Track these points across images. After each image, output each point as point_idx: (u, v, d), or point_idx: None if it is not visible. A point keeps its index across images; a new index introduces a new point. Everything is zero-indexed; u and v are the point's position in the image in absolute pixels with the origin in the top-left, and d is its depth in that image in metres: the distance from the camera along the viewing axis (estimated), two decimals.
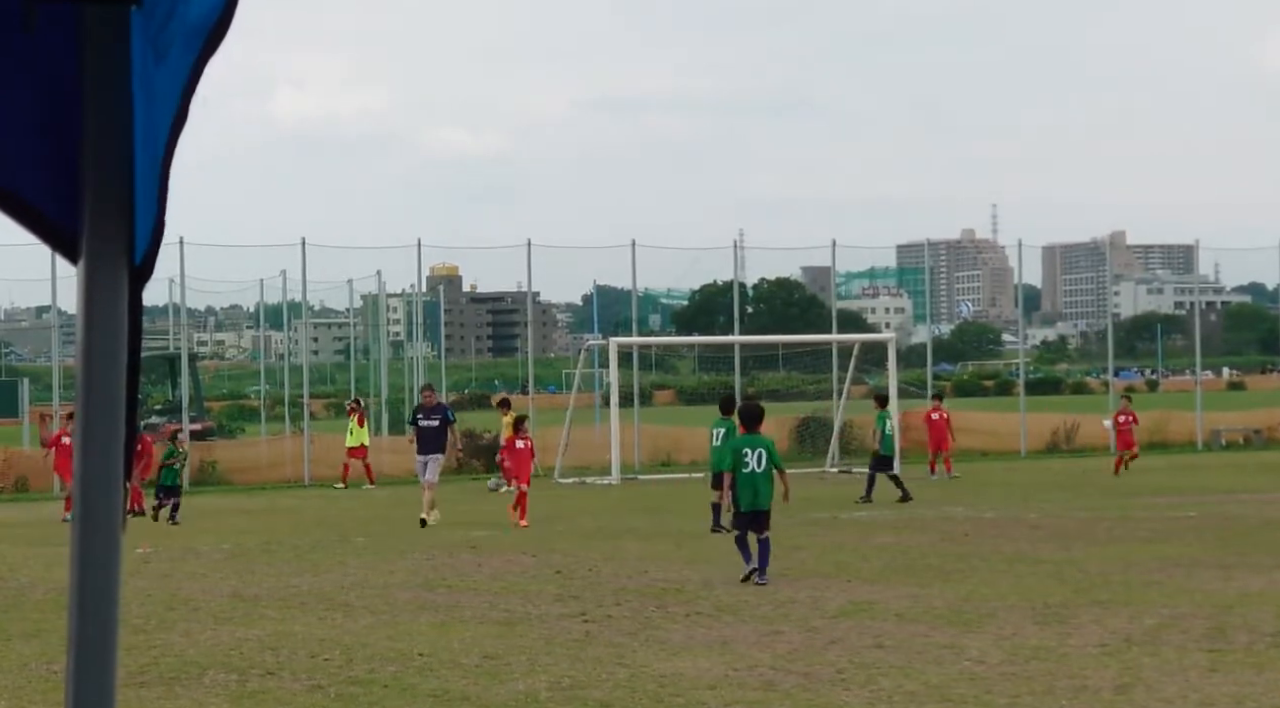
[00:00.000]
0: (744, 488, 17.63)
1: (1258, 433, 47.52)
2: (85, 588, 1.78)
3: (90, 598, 1.78)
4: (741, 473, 17.66)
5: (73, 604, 1.79)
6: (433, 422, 26.68)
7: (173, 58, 1.80)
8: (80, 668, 1.78)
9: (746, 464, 17.65)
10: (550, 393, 75.10)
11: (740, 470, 17.67)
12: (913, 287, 79.42)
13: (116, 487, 1.79)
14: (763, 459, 17.69)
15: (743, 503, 17.60)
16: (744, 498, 17.60)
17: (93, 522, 1.78)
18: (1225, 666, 12.20)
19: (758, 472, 17.65)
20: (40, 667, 12.94)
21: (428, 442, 26.54)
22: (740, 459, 17.71)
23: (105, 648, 1.79)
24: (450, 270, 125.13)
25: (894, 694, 11.36)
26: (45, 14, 1.77)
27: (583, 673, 12.35)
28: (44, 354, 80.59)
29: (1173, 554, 19.55)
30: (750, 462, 17.64)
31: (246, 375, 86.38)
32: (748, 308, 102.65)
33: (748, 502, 17.57)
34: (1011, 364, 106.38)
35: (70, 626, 1.79)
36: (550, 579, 18.26)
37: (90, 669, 1.79)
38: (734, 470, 17.75)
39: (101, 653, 1.79)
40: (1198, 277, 66.24)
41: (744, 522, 17.65)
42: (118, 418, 1.78)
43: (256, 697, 11.72)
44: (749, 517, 17.60)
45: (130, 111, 1.77)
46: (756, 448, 17.79)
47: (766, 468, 17.70)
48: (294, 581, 18.61)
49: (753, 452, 17.71)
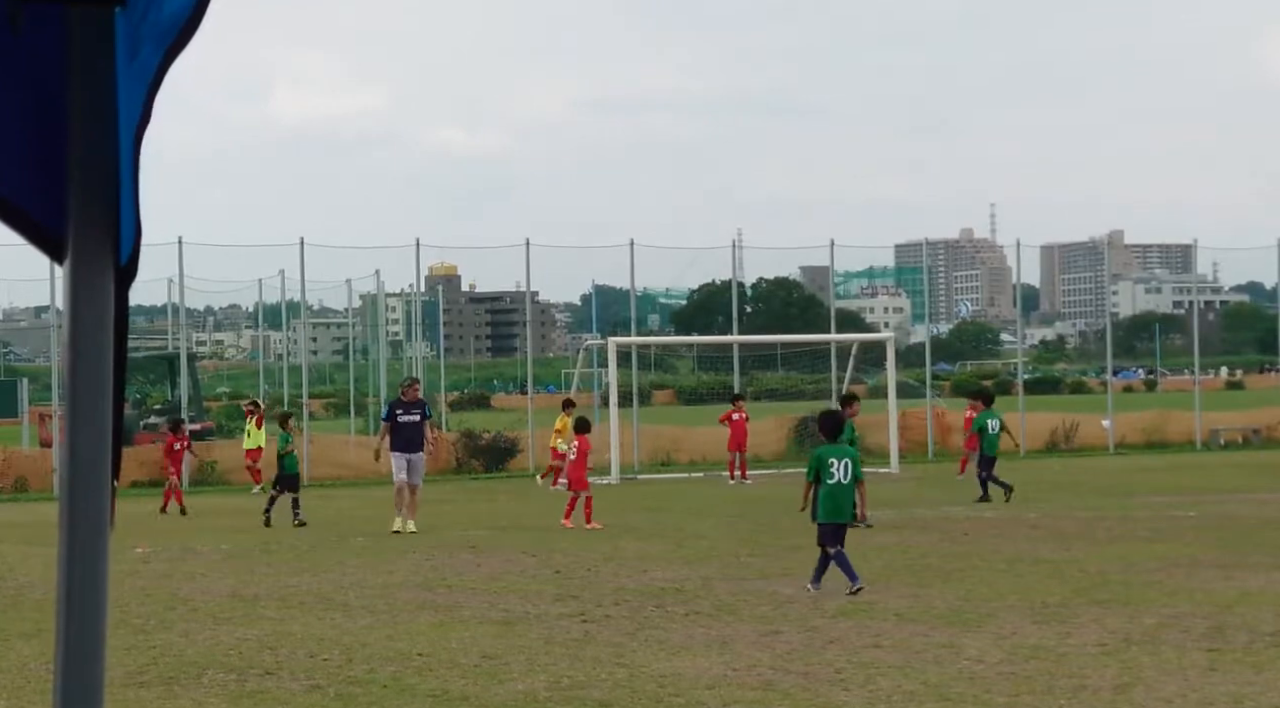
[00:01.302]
0: (827, 500, 16.91)
1: (1256, 432, 47.51)
2: (73, 587, 1.78)
3: (78, 597, 1.78)
4: (826, 484, 16.92)
5: (60, 603, 1.79)
6: (414, 416, 24.99)
7: (142, 57, 1.80)
8: (68, 668, 1.78)
9: (832, 475, 16.92)
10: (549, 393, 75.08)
11: (825, 481, 16.95)
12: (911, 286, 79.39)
13: (104, 486, 1.78)
14: (848, 470, 16.98)
15: (823, 514, 16.90)
16: (825, 509, 16.90)
17: (80, 521, 1.78)
18: (1224, 665, 12.20)
19: (843, 483, 16.94)
20: (39, 667, 12.93)
21: (410, 439, 24.71)
22: (826, 469, 16.98)
23: (93, 647, 1.79)
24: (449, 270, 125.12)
25: (893, 694, 11.35)
26: (32, 15, 1.77)
27: (582, 673, 12.34)
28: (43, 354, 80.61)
29: (1172, 554, 19.55)
30: (836, 472, 16.91)
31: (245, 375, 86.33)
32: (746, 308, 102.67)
33: (828, 513, 16.86)
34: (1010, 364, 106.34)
35: (58, 625, 1.78)
36: (549, 579, 18.26)
37: (78, 669, 1.78)
38: (817, 481, 17.02)
39: (89, 652, 1.79)
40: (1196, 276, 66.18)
41: (827, 534, 16.81)
42: (105, 418, 1.78)
43: (255, 697, 11.72)
44: (831, 529, 16.82)
45: (115, 112, 1.77)
46: (843, 458, 17.07)
47: (851, 480, 17.01)
48: (293, 580, 18.60)
49: (839, 462, 16.99)
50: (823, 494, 16.98)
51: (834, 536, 16.82)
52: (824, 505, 16.96)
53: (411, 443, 24.77)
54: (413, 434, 24.84)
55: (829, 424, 18.04)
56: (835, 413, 19.47)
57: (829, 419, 18.34)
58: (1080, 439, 45.77)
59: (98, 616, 1.79)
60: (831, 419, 18.29)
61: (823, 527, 16.95)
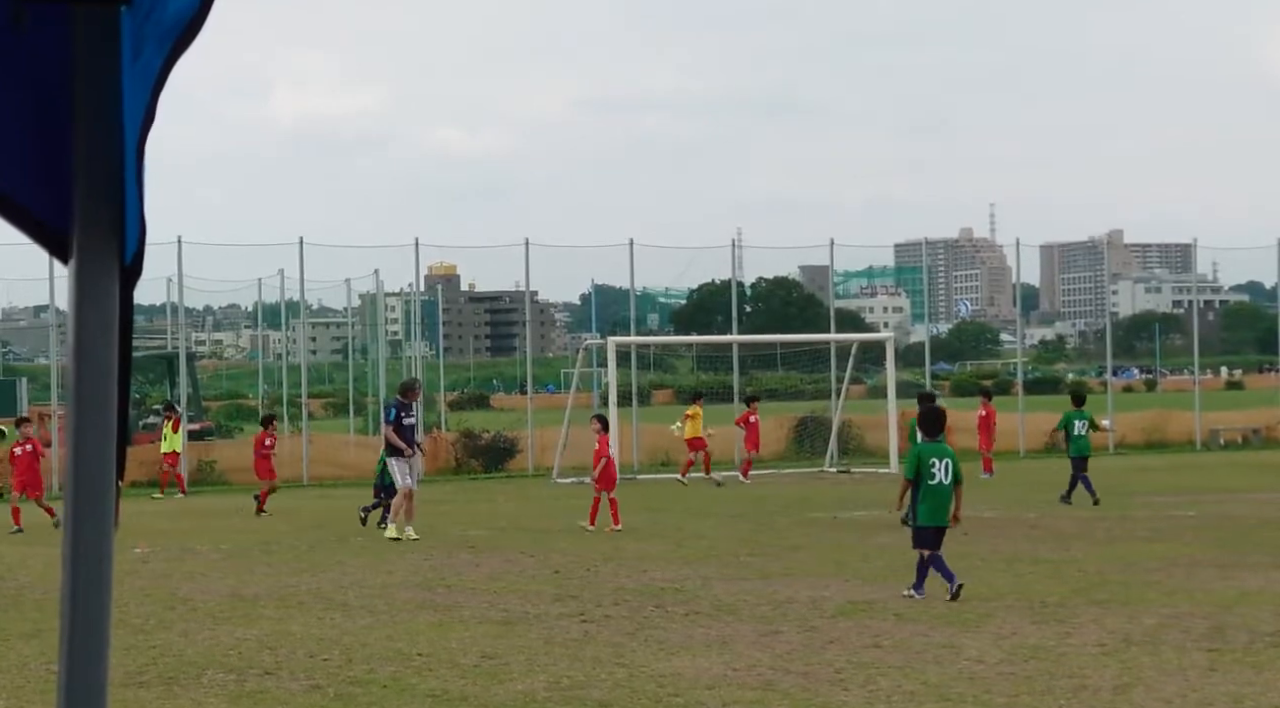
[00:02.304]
0: (928, 500, 16.18)
1: (1256, 432, 47.51)
2: (77, 587, 1.78)
3: (82, 597, 1.78)
4: (927, 484, 16.19)
5: (65, 604, 1.78)
6: (414, 419, 25.06)
7: (145, 56, 1.79)
8: (72, 668, 1.78)
9: (934, 475, 16.18)
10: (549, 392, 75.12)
11: (925, 481, 16.22)
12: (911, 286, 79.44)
13: (108, 486, 1.78)
14: (949, 470, 16.23)
15: (923, 516, 16.23)
16: (926, 511, 16.21)
17: (85, 521, 1.77)
18: (1224, 665, 12.20)
19: (945, 484, 16.21)
20: (39, 667, 12.93)
21: (410, 442, 24.41)
22: (927, 469, 16.22)
23: (97, 648, 1.79)
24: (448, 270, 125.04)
25: (892, 694, 11.35)
26: (36, 14, 1.77)
27: (581, 673, 12.34)
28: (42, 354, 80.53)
29: (1172, 554, 19.55)
30: (938, 473, 16.17)
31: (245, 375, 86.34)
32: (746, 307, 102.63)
33: (929, 516, 16.19)
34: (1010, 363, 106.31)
35: (62, 625, 1.78)
36: (549, 579, 18.25)
37: (82, 669, 1.78)
38: (918, 481, 16.27)
39: (93, 653, 1.78)
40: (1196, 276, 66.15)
41: (926, 538, 16.20)
42: (109, 418, 1.78)
43: (255, 697, 11.71)
44: (931, 532, 16.18)
45: (120, 112, 1.76)
46: (944, 458, 16.31)
47: (952, 481, 16.28)
48: (292, 580, 18.60)
49: (940, 462, 16.24)
50: (922, 494, 16.21)
51: (934, 539, 16.16)
52: (924, 508, 16.22)
53: (412, 446, 24.65)
54: (412, 437, 24.72)
55: (931, 419, 17.00)
56: (938, 408, 18.44)
57: (931, 414, 17.28)
58: None
59: (102, 616, 1.78)
60: (933, 414, 17.24)
61: (922, 530, 16.27)
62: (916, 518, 16.44)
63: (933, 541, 16.19)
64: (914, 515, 16.50)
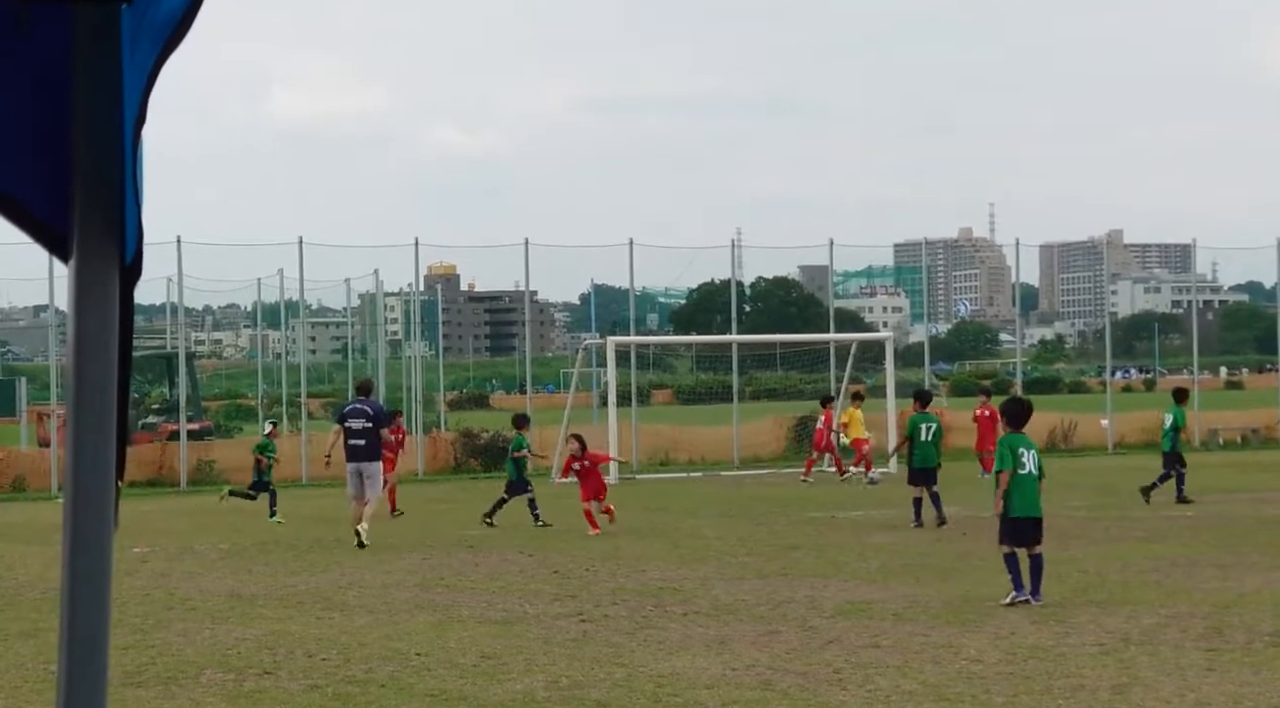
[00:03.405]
0: (1018, 490, 15.86)
1: (1255, 432, 47.51)
2: (77, 587, 1.78)
3: (82, 597, 1.78)
4: (1017, 474, 15.89)
5: (65, 604, 1.79)
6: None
7: (139, 55, 1.80)
8: (71, 668, 1.78)
9: (1024, 465, 15.92)
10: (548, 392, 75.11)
11: (1017, 471, 15.92)
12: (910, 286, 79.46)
13: (108, 487, 1.78)
14: (1035, 461, 16.01)
15: (1015, 507, 15.83)
16: (1018, 502, 15.84)
17: (85, 521, 1.78)
18: (1223, 665, 12.20)
19: (1033, 474, 15.96)
20: (37, 666, 12.93)
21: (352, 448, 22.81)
22: (1017, 459, 15.92)
23: (97, 648, 1.79)
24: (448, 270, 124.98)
25: (891, 694, 11.36)
26: (37, 14, 1.77)
27: (580, 673, 12.35)
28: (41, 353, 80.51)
29: (1171, 554, 19.55)
30: (1027, 463, 15.92)
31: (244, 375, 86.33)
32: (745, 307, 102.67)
33: (1022, 507, 15.83)
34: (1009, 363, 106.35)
35: (62, 625, 1.78)
36: (548, 579, 18.26)
37: (81, 669, 1.78)
38: (1011, 470, 15.90)
39: (93, 653, 1.79)
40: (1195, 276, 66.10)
41: (1014, 531, 15.82)
42: (109, 418, 1.78)
43: (254, 696, 11.71)
44: (1023, 525, 15.83)
45: (121, 111, 1.77)
46: (1030, 448, 16.11)
47: (1039, 472, 16.08)
48: (291, 580, 18.60)
49: (1028, 452, 16.01)
50: (1014, 484, 15.90)
51: (1025, 533, 15.82)
52: (1015, 500, 15.85)
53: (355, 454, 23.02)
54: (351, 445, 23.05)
55: (1016, 411, 16.69)
56: (1023, 400, 18.23)
57: (1016, 406, 16.99)
58: (1079, 439, 45.78)
59: (101, 616, 1.79)
60: (1019, 406, 16.95)
61: (1015, 523, 15.86)
62: (1008, 510, 15.93)
63: (1019, 533, 15.76)
64: (1008, 507, 15.94)
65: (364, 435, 22.61)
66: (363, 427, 22.64)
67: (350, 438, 22.69)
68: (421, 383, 48.79)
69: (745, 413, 44.36)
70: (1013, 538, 15.85)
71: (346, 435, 22.77)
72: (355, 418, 22.81)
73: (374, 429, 22.76)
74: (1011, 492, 15.90)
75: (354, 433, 22.67)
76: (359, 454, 22.53)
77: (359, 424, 22.68)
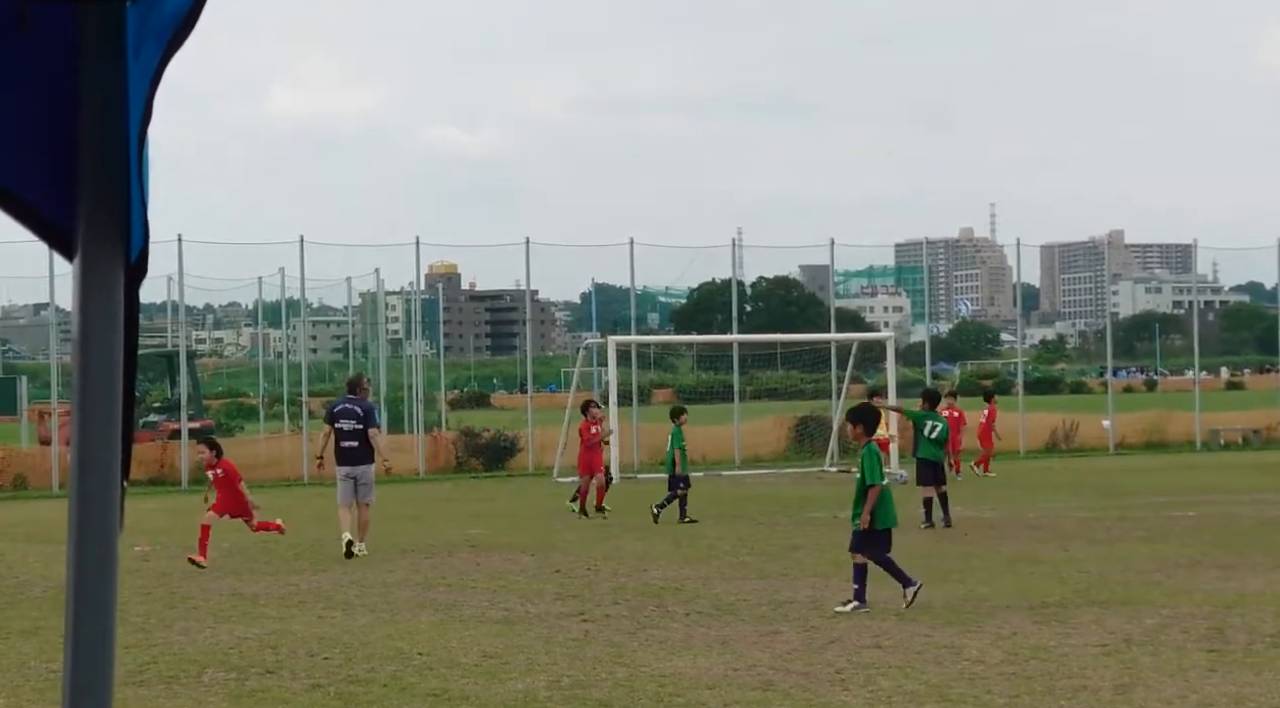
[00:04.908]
0: (886, 501, 15.93)
1: (1256, 433, 47.50)
2: (82, 587, 1.77)
3: (87, 597, 1.77)
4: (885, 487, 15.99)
5: (70, 604, 1.78)
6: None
7: (144, 54, 1.79)
8: (77, 668, 1.77)
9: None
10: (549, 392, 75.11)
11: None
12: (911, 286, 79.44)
13: (114, 486, 1.77)
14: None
15: (886, 518, 15.91)
16: (885, 513, 15.88)
17: (90, 521, 1.77)
18: (1224, 666, 12.19)
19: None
20: (39, 665, 12.93)
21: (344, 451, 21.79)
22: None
23: (102, 647, 1.78)
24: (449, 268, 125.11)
25: (893, 694, 11.35)
26: (41, 13, 1.76)
27: (582, 672, 12.34)
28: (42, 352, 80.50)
29: (1172, 554, 19.54)
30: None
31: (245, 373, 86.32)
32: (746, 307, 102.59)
33: (886, 518, 15.89)
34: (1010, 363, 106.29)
35: (68, 625, 1.78)
36: (549, 578, 18.25)
37: (87, 669, 1.78)
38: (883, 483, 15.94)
39: (98, 653, 1.78)
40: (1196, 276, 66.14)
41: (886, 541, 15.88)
42: (114, 417, 1.77)
43: (256, 695, 11.71)
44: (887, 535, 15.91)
45: (126, 110, 1.76)
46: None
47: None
48: (293, 579, 18.60)
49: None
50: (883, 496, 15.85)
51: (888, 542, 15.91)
52: (886, 509, 15.90)
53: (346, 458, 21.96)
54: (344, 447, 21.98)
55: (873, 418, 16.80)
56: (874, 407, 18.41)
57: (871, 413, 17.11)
58: (1080, 439, 45.78)
59: (107, 616, 1.78)
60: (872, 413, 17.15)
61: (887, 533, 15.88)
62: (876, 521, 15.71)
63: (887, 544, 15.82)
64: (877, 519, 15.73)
65: (356, 437, 21.64)
66: (353, 428, 21.58)
67: (342, 440, 21.58)
68: (422, 382, 48.77)
69: (746, 413, 44.37)
70: (879, 548, 15.68)
71: (338, 437, 21.70)
72: (346, 418, 21.66)
73: (364, 430, 21.64)
74: (883, 503, 15.77)
75: (345, 434, 21.56)
76: (352, 457, 21.46)
77: (349, 425, 21.59)
